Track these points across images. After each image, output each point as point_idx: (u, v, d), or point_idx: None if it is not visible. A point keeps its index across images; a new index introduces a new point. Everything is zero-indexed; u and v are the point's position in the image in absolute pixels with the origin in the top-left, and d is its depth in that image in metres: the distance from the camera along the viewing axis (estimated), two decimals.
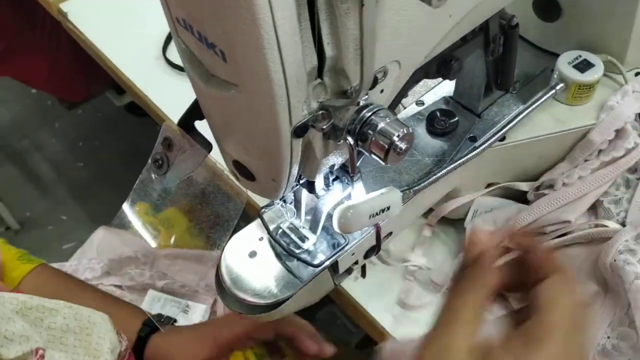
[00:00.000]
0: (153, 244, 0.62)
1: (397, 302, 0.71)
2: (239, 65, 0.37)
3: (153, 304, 0.86)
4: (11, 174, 2.02)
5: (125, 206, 0.58)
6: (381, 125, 0.44)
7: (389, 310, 0.73)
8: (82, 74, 1.64)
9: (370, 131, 0.44)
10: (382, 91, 0.46)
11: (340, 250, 0.61)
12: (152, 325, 0.72)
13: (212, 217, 0.56)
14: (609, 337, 0.62)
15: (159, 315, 0.74)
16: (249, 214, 0.86)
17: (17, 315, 0.51)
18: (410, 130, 0.44)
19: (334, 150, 0.48)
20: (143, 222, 0.61)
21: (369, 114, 0.44)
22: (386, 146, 0.44)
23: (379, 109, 0.44)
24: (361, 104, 0.44)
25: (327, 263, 0.60)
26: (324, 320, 1.46)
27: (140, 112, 2.04)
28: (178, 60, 1.03)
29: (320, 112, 0.42)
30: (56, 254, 1.67)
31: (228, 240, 0.62)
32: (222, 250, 0.62)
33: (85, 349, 0.55)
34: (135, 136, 1.89)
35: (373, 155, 0.45)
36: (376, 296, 0.74)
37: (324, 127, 0.42)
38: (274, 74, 0.36)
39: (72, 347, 0.54)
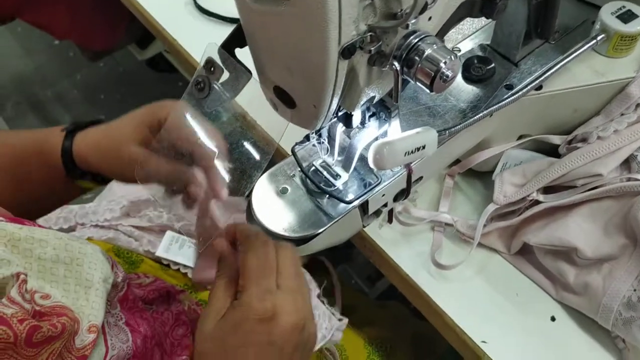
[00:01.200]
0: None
1: (431, 262, 0.72)
2: None
3: (171, 244, 0.86)
4: (34, 124, 2.04)
5: None
6: (428, 51, 0.44)
7: (412, 259, 0.73)
8: (105, 22, 1.63)
9: (417, 57, 0.44)
10: (430, 19, 0.45)
11: (371, 189, 0.61)
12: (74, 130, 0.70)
13: (239, 163, 0.56)
14: (635, 290, 0.62)
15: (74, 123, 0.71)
16: (274, 161, 0.87)
17: (5, 247, 0.51)
18: (457, 58, 0.44)
19: (376, 79, 0.48)
20: None
21: (416, 39, 0.44)
22: (432, 73, 0.44)
23: (427, 36, 0.44)
24: (410, 28, 0.43)
25: (357, 201, 0.61)
26: (338, 278, 1.47)
27: (161, 67, 2.05)
28: (207, 5, 1.03)
29: (369, 34, 0.42)
30: (76, 203, 1.68)
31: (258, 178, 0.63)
32: (253, 185, 0.62)
33: (76, 279, 0.54)
34: (156, 91, 1.89)
35: (418, 83, 0.45)
36: (401, 244, 0.75)
37: (372, 49, 0.42)
38: None
39: (62, 277, 0.53)
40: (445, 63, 0.43)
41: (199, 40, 1.00)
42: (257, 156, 0.57)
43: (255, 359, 0.50)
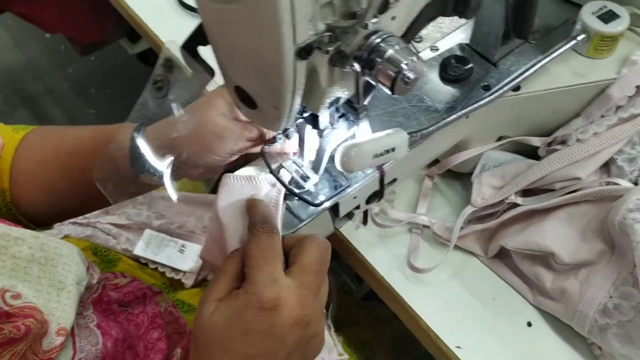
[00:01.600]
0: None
1: (407, 265, 0.70)
2: None
3: (149, 242, 0.85)
4: (24, 118, 2.02)
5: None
6: (390, 52, 0.42)
7: (388, 261, 0.72)
8: (94, 15, 1.62)
9: (378, 58, 0.42)
10: (393, 18, 0.44)
11: (341, 192, 0.60)
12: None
13: None
14: (611, 297, 0.61)
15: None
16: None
17: None
18: (420, 59, 0.42)
19: (339, 80, 0.46)
20: None
21: (378, 40, 0.42)
22: (393, 75, 0.42)
23: (389, 36, 0.42)
24: (370, 28, 0.42)
25: (327, 204, 0.59)
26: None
27: (152, 61, 2.03)
28: (190, 1, 1.01)
29: (327, 34, 0.40)
30: None
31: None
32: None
33: (49, 280, 0.53)
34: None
35: (380, 85, 0.44)
36: (378, 246, 0.73)
37: (330, 49, 0.40)
38: None
39: (35, 277, 0.52)
40: (407, 64, 0.42)
41: (182, 36, 1.00)
42: None
43: (256, 348, 0.48)
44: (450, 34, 0.71)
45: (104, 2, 1.10)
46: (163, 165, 0.56)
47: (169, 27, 0.99)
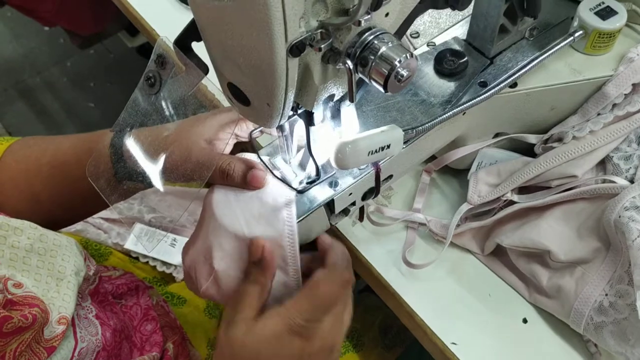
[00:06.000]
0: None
1: (402, 260, 0.70)
2: None
3: (140, 237, 0.85)
4: (23, 111, 2.02)
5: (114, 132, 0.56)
6: (383, 49, 0.42)
7: (385, 257, 0.72)
8: (91, 8, 1.62)
9: (371, 55, 0.42)
10: (387, 15, 0.43)
11: (336, 188, 0.60)
12: None
13: None
14: (606, 295, 0.61)
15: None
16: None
17: None
18: (414, 57, 0.42)
19: (333, 78, 0.46)
20: None
21: (371, 37, 0.42)
22: (386, 72, 0.42)
23: (382, 33, 0.42)
24: (363, 25, 0.41)
25: (321, 200, 0.59)
26: None
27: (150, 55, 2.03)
28: None
29: (319, 30, 0.40)
30: None
31: None
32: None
33: (48, 270, 0.54)
34: None
35: (373, 82, 0.43)
36: (374, 242, 0.73)
37: (322, 46, 0.40)
38: None
39: (35, 267, 0.53)
40: (400, 62, 0.41)
41: (178, 29, 0.99)
42: None
43: None
44: (447, 30, 0.71)
45: None
46: (146, 173, 0.56)
47: (166, 21, 0.99)
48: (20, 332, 0.49)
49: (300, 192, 0.58)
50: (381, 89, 0.43)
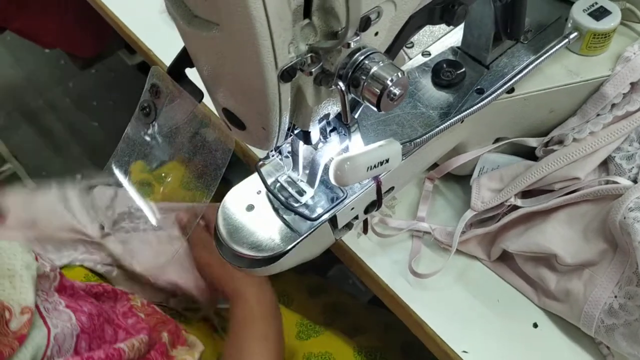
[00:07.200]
0: (141, 202, 0.61)
1: (408, 270, 0.70)
2: (218, 2, 0.35)
3: None
4: (27, 134, 2.03)
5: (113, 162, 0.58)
6: (374, 69, 0.42)
7: (391, 268, 0.72)
8: (92, 29, 1.62)
9: (362, 76, 0.42)
10: (376, 34, 0.43)
11: (338, 204, 0.60)
12: None
13: (200, 166, 0.55)
14: (616, 297, 0.60)
15: None
16: (248, 168, 0.85)
17: None
18: (405, 75, 0.42)
19: (327, 98, 0.46)
20: (134, 180, 0.60)
21: (362, 57, 0.42)
22: (379, 91, 0.42)
23: (372, 52, 0.42)
24: (353, 46, 0.42)
25: (325, 217, 0.59)
26: (334, 279, 1.46)
27: None
28: None
29: (309, 54, 0.40)
30: None
31: (227, 192, 0.61)
32: (220, 203, 0.61)
33: None
34: None
35: (366, 102, 0.43)
36: (380, 253, 0.73)
37: (313, 70, 0.40)
38: (254, 10, 0.34)
39: None
40: (391, 80, 0.41)
41: (175, 50, 1.00)
42: (217, 157, 0.56)
43: None
44: (441, 38, 0.70)
45: (100, 16, 1.10)
46: None
47: (162, 41, 0.99)
48: None
49: (313, 219, 0.58)
50: (374, 108, 0.43)
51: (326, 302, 1.01)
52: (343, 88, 0.42)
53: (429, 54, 0.69)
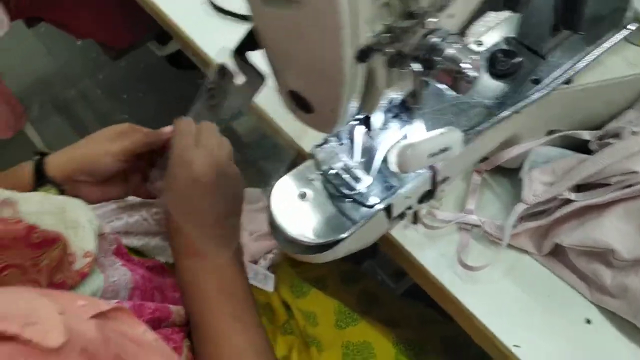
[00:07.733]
0: None
1: (458, 263, 0.69)
2: None
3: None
4: (58, 125, 2.05)
5: None
6: (450, 51, 0.41)
7: (439, 260, 0.71)
8: (127, 19, 1.63)
9: (439, 57, 0.41)
10: (451, 16, 0.43)
11: (394, 193, 0.59)
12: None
13: (262, 161, 0.55)
14: None
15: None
16: (296, 162, 0.85)
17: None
18: (480, 57, 0.41)
19: (397, 81, 0.45)
20: None
21: (438, 39, 0.41)
22: (454, 74, 0.41)
23: (448, 34, 0.41)
24: (429, 27, 0.41)
25: (381, 205, 0.58)
26: None
27: (181, 65, 2.04)
28: (223, 4, 1.01)
29: (385, 34, 0.40)
30: None
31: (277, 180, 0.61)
32: (271, 190, 0.61)
33: (64, 223, 0.58)
34: (178, 88, 1.88)
35: (441, 84, 0.43)
36: (427, 246, 0.72)
37: (389, 51, 0.40)
38: None
39: (51, 225, 0.57)
40: (467, 63, 0.41)
41: (216, 39, 1.00)
42: (279, 154, 0.56)
43: (188, 191, 0.63)
44: (494, 28, 0.69)
45: (136, 6, 1.11)
46: None
47: (203, 30, 0.99)
48: (48, 244, 0.53)
49: (370, 206, 0.58)
50: (452, 91, 0.42)
51: (361, 290, 1.01)
52: (419, 69, 0.42)
53: (482, 44, 0.68)
